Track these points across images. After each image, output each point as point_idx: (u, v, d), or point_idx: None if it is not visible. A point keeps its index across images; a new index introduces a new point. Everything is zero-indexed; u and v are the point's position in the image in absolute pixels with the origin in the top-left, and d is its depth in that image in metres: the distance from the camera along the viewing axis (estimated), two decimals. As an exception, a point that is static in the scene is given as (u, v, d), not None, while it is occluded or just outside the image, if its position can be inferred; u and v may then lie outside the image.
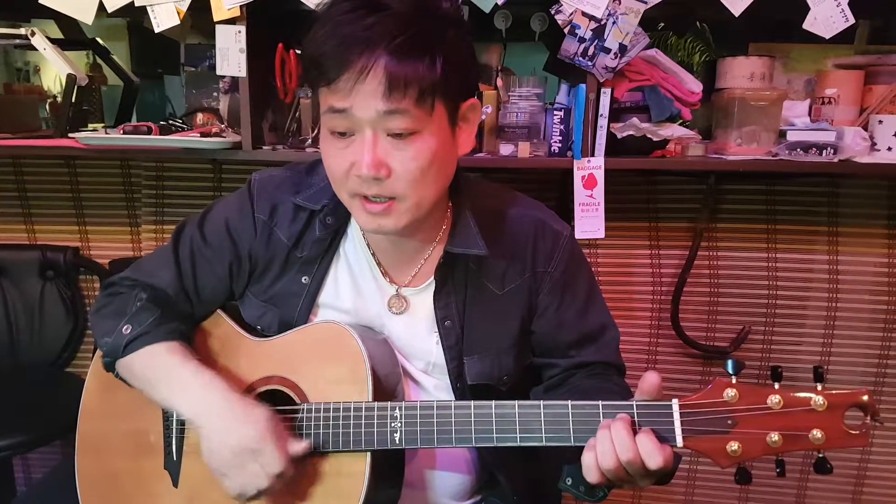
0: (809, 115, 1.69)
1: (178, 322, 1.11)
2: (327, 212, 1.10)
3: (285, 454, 0.98)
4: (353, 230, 1.14)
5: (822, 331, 1.96)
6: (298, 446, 0.99)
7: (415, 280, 1.13)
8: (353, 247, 1.14)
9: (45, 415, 1.75)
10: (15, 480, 2.11)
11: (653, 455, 0.86)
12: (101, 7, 1.55)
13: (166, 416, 1.13)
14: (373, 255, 1.13)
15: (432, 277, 1.10)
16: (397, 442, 0.98)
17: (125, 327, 1.08)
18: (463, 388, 1.12)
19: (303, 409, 1.04)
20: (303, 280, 1.12)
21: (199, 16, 1.58)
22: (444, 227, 1.11)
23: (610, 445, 0.88)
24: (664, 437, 0.89)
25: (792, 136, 1.61)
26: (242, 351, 1.12)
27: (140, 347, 1.06)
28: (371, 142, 0.92)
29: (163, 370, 1.05)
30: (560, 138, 1.65)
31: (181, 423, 1.11)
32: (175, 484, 1.10)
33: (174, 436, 1.11)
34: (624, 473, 0.88)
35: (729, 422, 0.88)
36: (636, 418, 0.91)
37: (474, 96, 1.02)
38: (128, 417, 1.15)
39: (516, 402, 0.96)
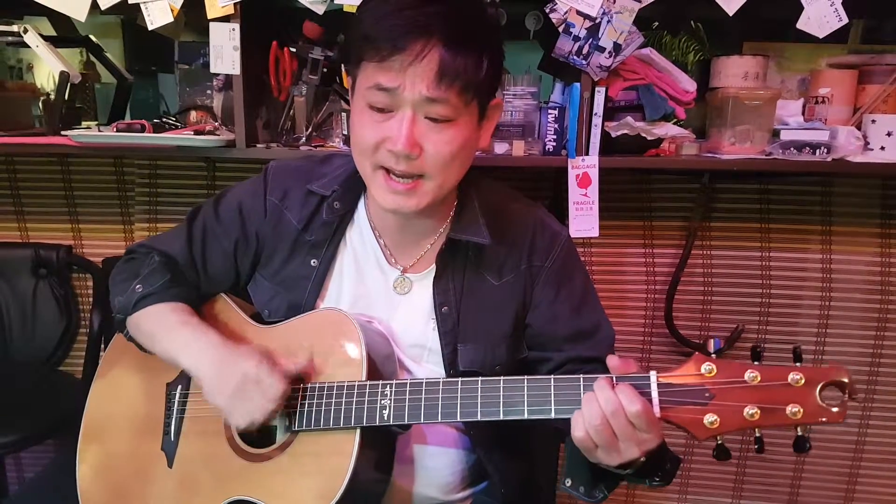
0: (803, 114, 1.69)
1: (186, 288, 1.18)
2: (335, 197, 1.16)
3: (282, 377, 1.03)
4: (360, 217, 1.19)
5: (815, 329, 1.97)
6: (291, 366, 1.05)
7: (418, 265, 1.17)
8: (358, 233, 1.18)
9: (38, 414, 1.74)
10: (7, 479, 2.10)
11: (632, 401, 0.88)
12: (95, 4, 1.55)
13: (168, 398, 1.17)
14: (378, 239, 1.17)
15: (434, 263, 1.14)
16: (386, 418, 1.01)
17: (137, 286, 1.15)
18: (456, 376, 1.13)
19: (299, 390, 1.06)
20: (311, 263, 1.17)
21: (192, 13, 1.57)
22: (451, 215, 1.16)
23: (595, 402, 0.90)
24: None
25: (785, 136, 1.61)
26: (247, 337, 1.16)
27: (148, 305, 1.14)
28: (410, 121, 0.98)
29: (166, 326, 1.13)
30: (554, 137, 1.65)
31: (182, 404, 1.15)
32: (170, 465, 1.13)
33: (174, 417, 1.15)
34: (610, 432, 0.89)
35: (706, 394, 0.89)
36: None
37: (497, 96, 1.08)
38: (132, 403, 1.20)
39: (501, 378, 0.98)
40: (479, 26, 1.00)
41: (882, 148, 1.62)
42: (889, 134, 1.61)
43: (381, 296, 1.17)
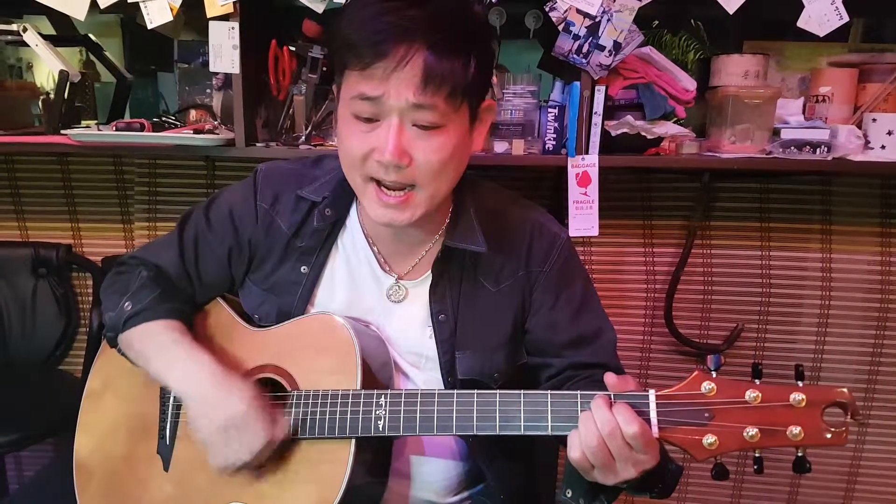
0: (803, 113, 1.69)
1: (177, 302, 1.14)
2: (327, 204, 1.13)
3: (267, 432, 0.99)
4: (352, 222, 1.16)
5: (815, 329, 1.96)
6: (280, 432, 1.01)
7: (413, 272, 1.14)
8: (351, 239, 1.16)
9: (38, 412, 1.74)
10: (7, 479, 2.10)
11: (629, 422, 0.87)
12: (94, 3, 1.55)
13: (163, 401, 1.15)
14: (372, 246, 1.15)
15: (429, 271, 1.12)
16: (381, 429, 0.99)
17: (126, 304, 1.11)
18: (454, 384, 1.13)
19: (292, 396, 1.05)
20: (302, 270, 1.15)
21: (192, 12, 1.57)
22: (446, 222, 1.13)
23: (592, 423, 0.89)
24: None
25: (786, 135, 1.61)
26: (239, 340, 1.15)
27: (138, 323, 1.10)
28: (397, 130, 0.95)
29: (157, 346, 1.09)
30: (554, 136, 1.65)
31: (177, 408, 1.13)
32: (166, 468, 1.12)
33: (169, 420, 1.13)
34: (607, 453, 0.88)
35: (706, 414, 0.88)
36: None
37: (489, 97, 1.05)
38: (127, 403, 1.18)
39: (497, 392, 0.97)
40: (465, 27, 0.96)
41: (883, 147, 1.62)
42: (890, 133, 1.61)
43: (375, 303, 1.14)
